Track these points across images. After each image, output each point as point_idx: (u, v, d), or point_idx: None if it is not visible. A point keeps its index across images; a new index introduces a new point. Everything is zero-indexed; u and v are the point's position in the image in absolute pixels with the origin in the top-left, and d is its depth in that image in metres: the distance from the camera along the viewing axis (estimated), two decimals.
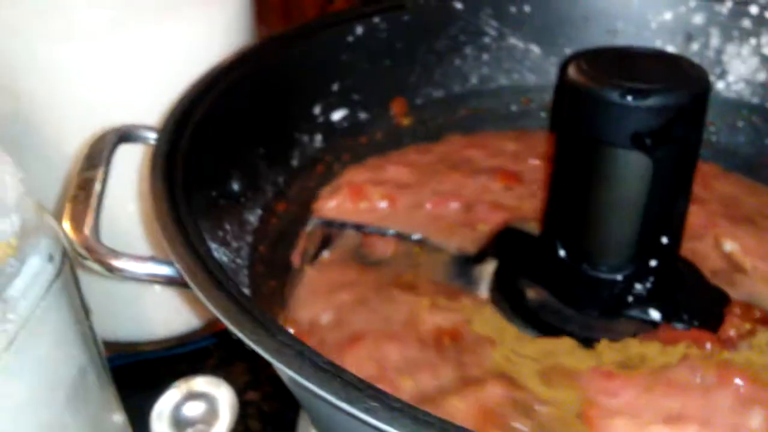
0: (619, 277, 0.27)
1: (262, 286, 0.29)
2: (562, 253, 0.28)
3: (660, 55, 0.28)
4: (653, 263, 0.26)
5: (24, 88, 0.33)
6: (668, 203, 0.26)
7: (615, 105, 0.23)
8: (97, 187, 0.24)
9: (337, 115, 0.37)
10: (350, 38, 0.37)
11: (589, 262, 0.27)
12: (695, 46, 0.39)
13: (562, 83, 0.27)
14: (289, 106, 0.35)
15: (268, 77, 0.33)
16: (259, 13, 0.42)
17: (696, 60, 0.39)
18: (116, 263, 0.21)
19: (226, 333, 0.47)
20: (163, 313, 0.42)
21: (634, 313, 0.27)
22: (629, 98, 0.23)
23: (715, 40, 0.39)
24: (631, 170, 0.24)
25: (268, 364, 0.48)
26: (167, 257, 0.22)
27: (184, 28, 0.34)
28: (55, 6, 0.32)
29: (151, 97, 0.33)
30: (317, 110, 0.36)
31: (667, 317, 0.27)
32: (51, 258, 0.26)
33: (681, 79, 0.25)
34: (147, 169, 0.24)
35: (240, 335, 0.18)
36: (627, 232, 0.26)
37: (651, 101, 0.23)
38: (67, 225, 0.22)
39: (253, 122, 0.32)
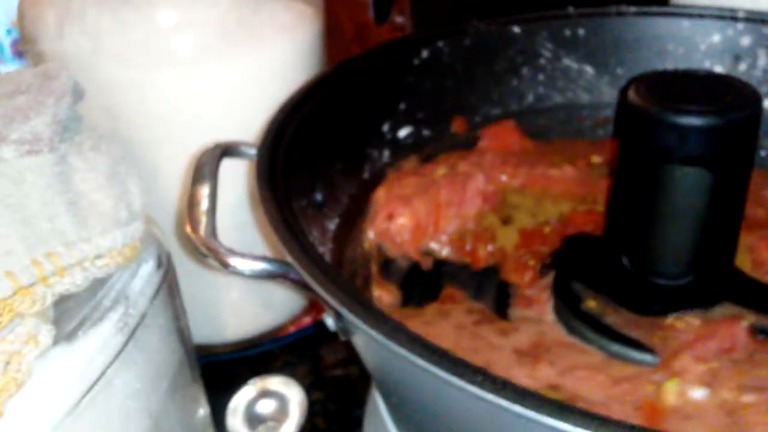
0: (681, 283, 0.28)
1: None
2: (626, 262, 0.30)
3: (715, 78, 0.30)
4: (710, 271, 0.28)
5: (125, 110, 0.36)
6: (726, 215, 0.28)
7: (675, 126, 0.26)
8: (208, 196, 0.27)
9: (403, 132, 0.40)
10: (416, 61, 0.40)
11: (651, 272, 0.29)
12: (743, 67, 0.41)
13: (624, 104, 0.29)
14: (362, 124, 0.38)
15: (343, 98, 0.36)
16: None
17: (743, 79, 0.42)
18: (233, 261, 0.24)
19: (289, 337, 0.50)
20: (235, 318, 0.44)
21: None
22: (690, 119, 0.26)
23: (762, 60, 0.41)
24: (692, 185, 0.26)
25: (332, 366, 0.50)
26: (275, 257, 0.25)
27: (267, 54, 0.37)
28: (155, 36, 0.36)
29: (239, 118, 0.37)
30: (386, 128, 0.39)
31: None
32: (160, 263, 0.29)
33: (736, 100, 0.28)
34: (253, 181, 0.27)
35: (353, 318, 0.20)
36: (687, 244, 0.28)
37: (710, 121, 0.26)
38: (188, 227, 0.25)
39: (332, 139, 0.35)
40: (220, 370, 0.45)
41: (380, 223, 0.35)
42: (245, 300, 0.43)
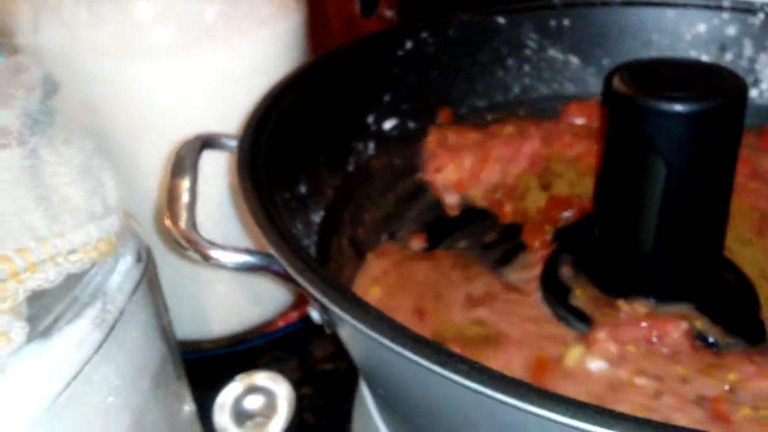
0: (650, 272, 0.28)
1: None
2: (597, 233, 0.30)
3: (701, 66, 0.30)
4: (682, 267, 0.28)
5: (103, 103, 0.36)
6: (705, 207, 0.28)
7: (657, 112, 0.26)
8: (188, 187, 0.26)
9: (388, 124, 0.39)
10: (400, 52, 0.39)
11: (626, 252, 0.29)
12: (729, 56, 0.41)
13: (608, 91, 0.29)
14: (346, 116, 0.37)
15: (327, 89, 0.36)
16: None
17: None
18: (213, 253, 0.24)
19: (278, 332, 0.49)
20: (221, 313, 0.44)
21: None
22: (671, 105, 0.25)
23: (748, 50, 0.41)
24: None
25: (321, 360, 0.49)
26: (259, 249, 0.24)
27: (247, 47, 0.37)
28: (133, 28, 0.35)
29: (219, 111, 0.36)
30: (370, 119, 0.38)
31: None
32: (139, 258, 0.29)
33: (721, 87, 0.27)
34: (234, 172, 0.26)
35: (338, 310, 0.20)
36: (653, 229, 0.28)
37: (689, 107, 0.25)
38: (167, 220, 0.24)
39: (315, 131, 0.35)
40: (207, 366, 0.44)
41: (428, 174, 0.37)
42: (231, 295, 0.43)
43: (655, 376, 0.25)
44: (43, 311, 0.24)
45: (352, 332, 0.23)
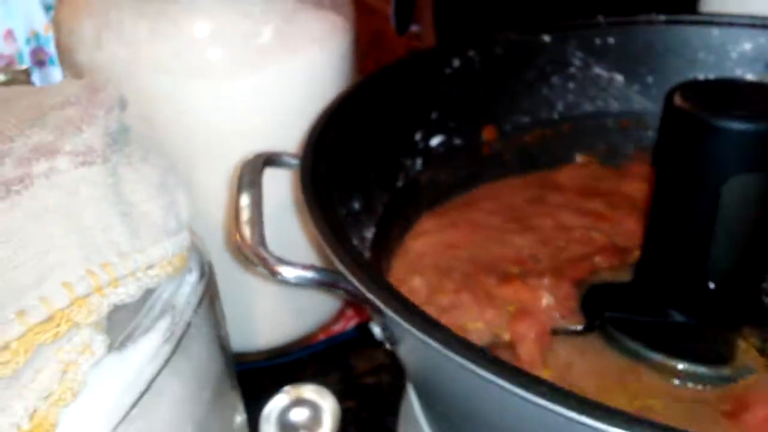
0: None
1: None
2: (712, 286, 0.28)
3: (757, 85, 0.30)
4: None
5: (161, 119, 0.37)
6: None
7: (732, 132, 0.26)
8: (254, 205, 0.27)
9: (435, 141, 0.40)
10: (448, 70, 0.40)
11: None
12: None
13: (668, 114, 0.29)
14: (395, 134, 0.38)
15: (377, 108, 0.37)
16: None
17: None
18: (282, 270, 0.24)
19: (319, 345, 0.50)
20: (265, 327, 0.45)
21: None
22: (741, 124, 0.25)
23: None
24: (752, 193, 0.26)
25: (363, 374, 0.50)
26: (325, 266, 0.25)
27: (300, 65, 0.38)
28: (191, 46, 0.36)
29: (273, 128, 0.37)
30: (418, 137, 0.39)
31: None
32: (203, 273, 0.30)
33: None
34: (297, 190, 0.27)
35: (411, 328, 0.20)
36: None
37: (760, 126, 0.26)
38: (238, 236, 0.25)
39: (368, 149, 0.35)
40: (252, 377, 0.45)
41: None
42: (276, 308, 0.44)
43: None
44: (117, 324, 0.25)
45: (420, 348, 0.23)
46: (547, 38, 0.42)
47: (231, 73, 0.36)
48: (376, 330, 0.25)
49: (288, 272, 0.24)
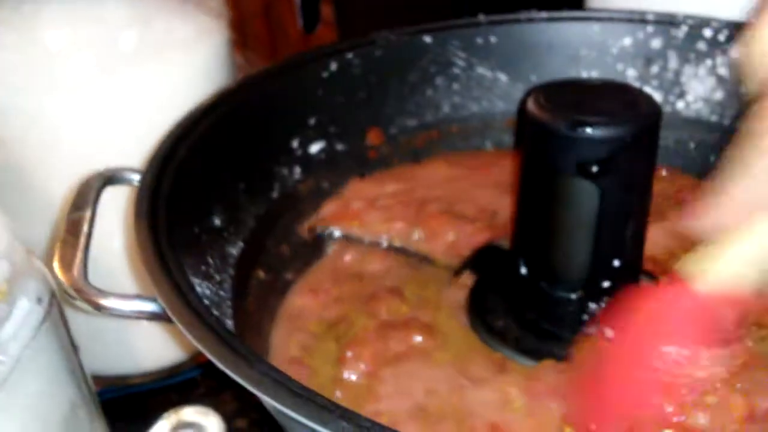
0: (574, 296, 0.28)
1: (245, 316, 0.30)
2: (524, 270, 0.29)
3: (616, 87, 0.30)
4: (606, 284, 0.28)
5: (12, 136, 0.34)
6: (618, 228, 0.27)
7: (562, 136, 0.25)
8: (85, 229, 0.25)
9: (315, 148, 0.38)
10: (325, 74, 0.38)
11: (548, 281, 0.29)
12: (655, 69, 0.41)
13: (522, 114, 0.29)
14: (268, 142, 0.36)
15: (246, 115, 0.35)
16: (243, 42, 0.43)
17: (656, 81, 0.42)
18: (104, 302, 0.22)
19: (212, 363, 0.48)
20: (149, 346, 0.42)
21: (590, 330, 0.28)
22: (575, 130, 0.25)
23: (673, 62, 0.41)
24: (582, 197, 0.26)
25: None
26: (153, 294, 0.23)
27: (165, 72, 0.36)
28: (40, 56, 0.34)
29: (136, 140, 0.35)
30: (295, 144, 0.37)
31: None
32: (40, 300, 0.27)
33: (630, 112, 0.27)
34: (131, 210, 0.25)
35: (221, 366, 0.19)
36: (581, 254, 0.28)
37: (595, 132, 0.25)
38: (56, 266, 0.23)
39: (234, 159, 0.34)
40: (137, 402, 0.43)
41: None
42: (157, 327, 0.41)
43: None
44: None
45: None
46: (428, 39, 0.41)
47: (85, 84, 0.34)
48: None
49: (112, 304, 0.23)
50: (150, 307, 0.23)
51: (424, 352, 0.29)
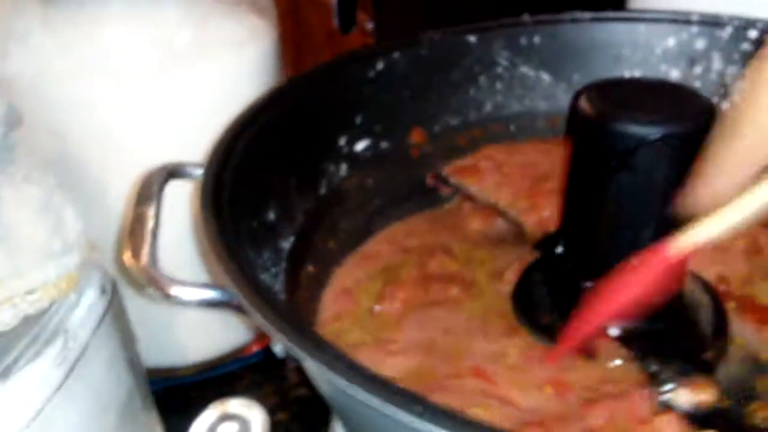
0: None
1: (297, 307, 0.31)
2: (569, 266, 0.29)
3: (668, 86, 0.30)
4: None
5: (70, 132, 0.35)
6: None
7: (610, 131, 0.26)
8: (151, 220, 0.26)
9: (361, 146, 0.39)
10: (371, 73, 0.39)
11: (591, 278, 0.29)
12: (698, 70, 0.41)
13: (574, 110, 0.30)
14: (317, 139, 0.37)
15: (297, 113, 0.36)
16: None
17: (699, 83, 0.42)
18: (173, 290, 0.23)
19: (255, 357, 0.48)
20: (195, 339, 0.43)
21: None
22: (624, 125, 0.25)
23: (716, 63, 0.41)
24: (626, 192, 0.26)
25: (297, 385, 0.49)
26: (218, 283, 0.24)
27: (216, 70, 0.37)
28: (99, 55, 0.35)
29: (189, 136, 0.36)
30: (342, 141, 0.38)
31: None
32: (104, 291, 0.28)
33: (687, 110, 0.27)
34: (196, 203, 0.26)
35: (297, 351, 0.19)
36: (622, 251, 0.28)
37: (644, 128, 0.25)
38: (127, 256, 0.24)
39: (286, 155, 0.34)
40: (182, 393, 0.43)
41: None
42: (206, 320, 0.42)
43: None
44: (2, 352, 0.24)
45: (314, 370, 0.22)
46: (472, 38, 0.41)
47: (143, 81, 0.35)
48: (277, 348, 0.25)
49: (181, 292, 0.23)
50: (217, 295, 0.24)
51: (456, 302, 0.31)
